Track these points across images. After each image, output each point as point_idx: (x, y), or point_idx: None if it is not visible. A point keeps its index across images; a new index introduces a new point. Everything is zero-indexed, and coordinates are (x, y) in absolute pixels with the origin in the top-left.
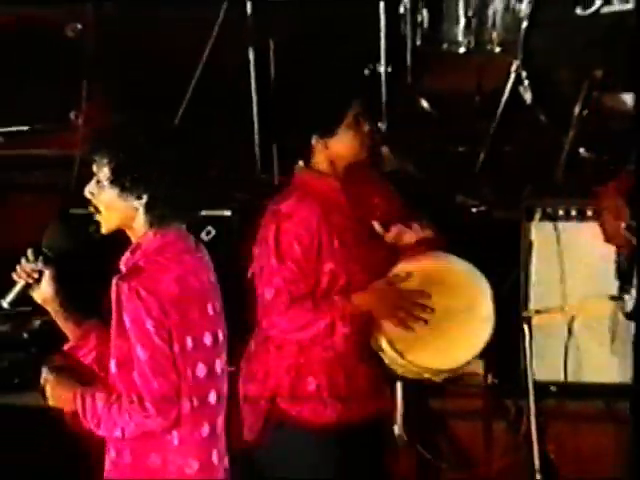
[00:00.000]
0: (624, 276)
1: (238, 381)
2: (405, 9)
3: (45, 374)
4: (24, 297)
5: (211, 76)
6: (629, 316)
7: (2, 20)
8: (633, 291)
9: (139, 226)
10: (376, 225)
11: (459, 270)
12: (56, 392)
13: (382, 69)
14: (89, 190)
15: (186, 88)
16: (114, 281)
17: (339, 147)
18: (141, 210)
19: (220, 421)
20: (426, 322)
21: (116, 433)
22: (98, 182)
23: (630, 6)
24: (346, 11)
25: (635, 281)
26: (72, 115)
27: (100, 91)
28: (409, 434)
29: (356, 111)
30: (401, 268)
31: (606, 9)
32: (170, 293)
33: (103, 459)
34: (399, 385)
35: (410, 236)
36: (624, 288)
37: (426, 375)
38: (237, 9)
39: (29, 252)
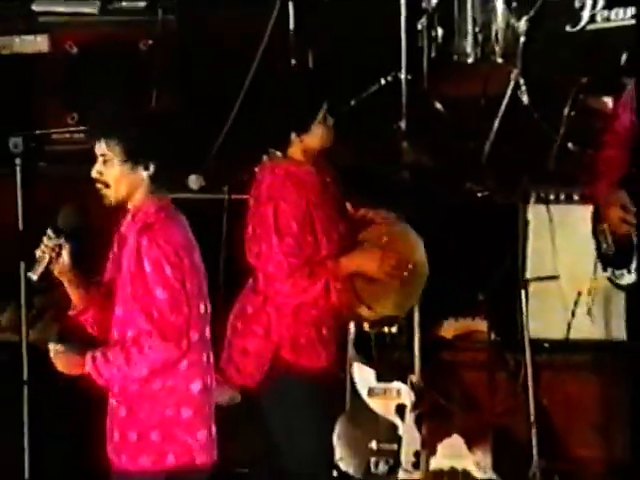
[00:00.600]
0: (606, 258)
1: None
2: (422, 26)
3: (52, 346)
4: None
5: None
6: (622, 287)
7: (86, 37)
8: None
9: (141, 194)
10: (348, 205)
11: (406, 232)
12: (66, 359)
13: (403, 76)
14: (97, 170)
15: (238, 91)
16: (132, 237)
17: (312, 140)
18: (146, 180)
19: (211, 354)
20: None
21: (142, 373)
22: (105, 161)
23: (611, 24)
24: (372, 24)
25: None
26: None
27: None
28: (426, 382)
29: (324, 109)
30: (375, 231)
31: (591, 27)
32: (180, 241)
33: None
34: (417, 341)
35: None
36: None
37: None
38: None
39: (50, 231)
